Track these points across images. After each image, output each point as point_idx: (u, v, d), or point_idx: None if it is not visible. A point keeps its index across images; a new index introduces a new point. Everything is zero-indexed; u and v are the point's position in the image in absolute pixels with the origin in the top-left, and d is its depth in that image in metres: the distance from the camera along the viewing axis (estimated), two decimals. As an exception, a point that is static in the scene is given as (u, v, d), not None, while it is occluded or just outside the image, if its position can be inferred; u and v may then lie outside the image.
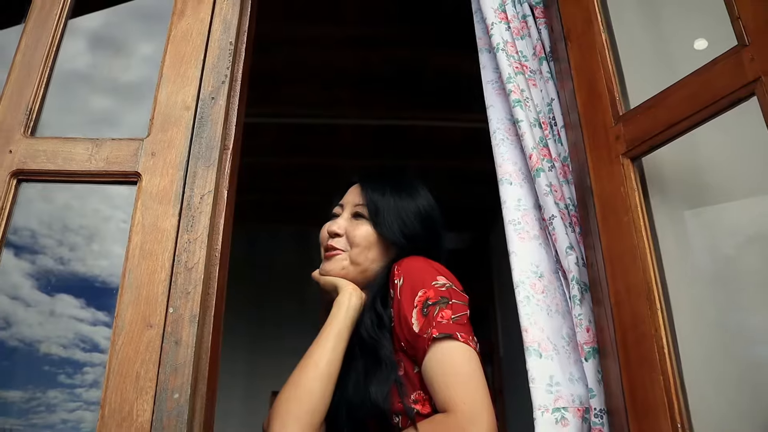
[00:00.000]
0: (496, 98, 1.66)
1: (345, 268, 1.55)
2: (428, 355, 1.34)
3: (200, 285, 1.17)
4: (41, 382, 1.24)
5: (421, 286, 1.40)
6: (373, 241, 1.56)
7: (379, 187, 1.60)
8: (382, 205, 1.57)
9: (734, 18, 1.09)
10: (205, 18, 1.45)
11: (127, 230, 1.25)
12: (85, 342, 1.28)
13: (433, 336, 1.32)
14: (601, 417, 1.24)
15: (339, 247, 1.57)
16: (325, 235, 1.61)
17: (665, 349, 1.09)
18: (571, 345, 1.36)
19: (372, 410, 1.39)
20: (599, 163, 1.28)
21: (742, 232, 1.18)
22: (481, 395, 1.30)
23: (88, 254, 1.40)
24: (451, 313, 1.35)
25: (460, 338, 1.32)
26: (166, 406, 1.09)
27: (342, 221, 1.59)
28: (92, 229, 1.43)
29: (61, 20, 1.49)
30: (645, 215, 1.18)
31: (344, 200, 1.65)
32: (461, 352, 1.32)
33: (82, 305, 1.32)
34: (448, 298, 1.38)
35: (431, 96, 3.71)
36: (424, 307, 1.37)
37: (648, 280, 1.13)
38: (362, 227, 1.57)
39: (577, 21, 1.43)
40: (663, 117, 1.17)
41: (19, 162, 1.30)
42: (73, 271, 1.36)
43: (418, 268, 1.45)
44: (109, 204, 1.42)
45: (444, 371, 1.32)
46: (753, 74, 1.04)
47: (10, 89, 1.39)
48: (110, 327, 1.17)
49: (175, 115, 1.33)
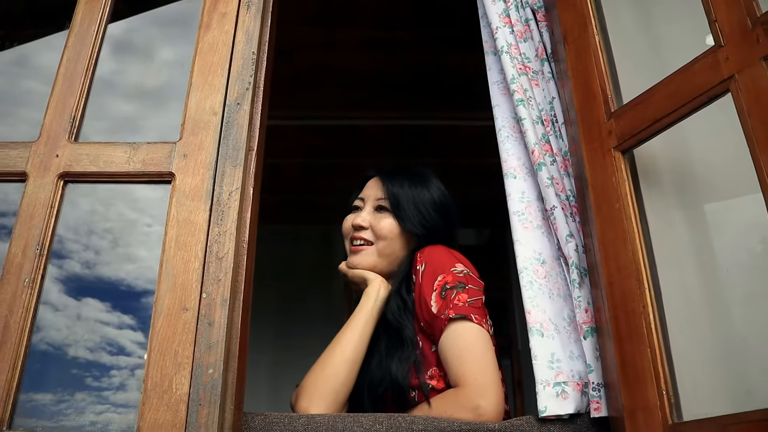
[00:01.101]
0: (502, 98, 1.76)
1: (374, 261, 1.69)
2: (444, 334, 1.47)
3: (230, 272, 1.30)
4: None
5: (441, 271, 1.54)
6: (397, 232, 1.69)
7: (397, 181, 1.73)
8: (402, 198, 1.69)
9: (711, 21, 1.19)
10: (230, 30, 1.58)
11: (150, 233, 1.38)
12: (111, 345, 1.41)
13: (449, 316, 1.46)
14: (599, 390, 1.35)
15: (366, 238, 1.69)
16: (348, 227, 1.74)
17: (652, 324, 1.19)
18: (572, 325, 1.46)
19: (392, 385, 1.53)
20: (593, 156, 1.39)
21: (725, 216, 1.28)
22: (490, 372, 1.43)
23: (113, 257, 1.52)
24: (467, 297, 1.48)
25: (474, 320, 1.45)
26: (202, 380, 1.21)
27: (366, 214, 1.72)
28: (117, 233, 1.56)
29: (98, 37, 1.62)
30: (635, 203, 1.29)
31: (365, 194, 1.77)
32: (474, 332, 1.46)
33: (108, 308, 1.44)
34: (465, 283, 1.51)
35: (447, 96, 3.80)
36: (443, 290, 1.50)
37: (637, 262, 1.24)
38: (386, 220, 1.70)
39: (573, 25, 1.54)
40: (649, 112, 1.27)
41: (65, 165, 1.44)
42: (98, 274, 1.49)
43: (439, 255, 1.58)
44: (134, 207, 1.54)
45: (458, 349, 1.45)
46: (728, 72, 1.14)
47: (55, 100, 1.53)
48: (135, 330, 1.32)
49: (204, 120, 1.46)
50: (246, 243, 1.36)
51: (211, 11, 1.60)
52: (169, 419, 1.19)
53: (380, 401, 1.56)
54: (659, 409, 1.13)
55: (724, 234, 1.27)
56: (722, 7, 1.17)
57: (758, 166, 1.04)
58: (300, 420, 1.35)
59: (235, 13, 1.60)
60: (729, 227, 1.26)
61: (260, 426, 1.34)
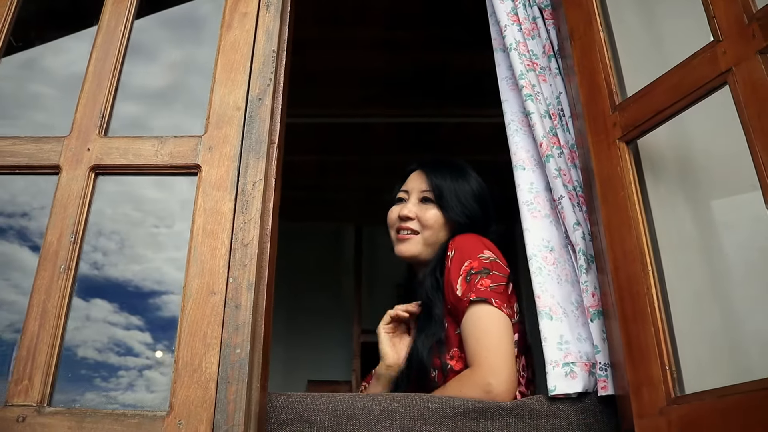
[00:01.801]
0: (510, 93, 1.83)
1: (420, 249, 1.80)
2: (465, 316, 1.57)
3: (255, 258, 1.37)
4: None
5: (468, 257, 1.63)
6: (442, 222, 1.80)
7: (440, 173, 1.83)
8: (445, 190, 1.80)
9: (710, 17, 1.26)
10: (251, 29, 1.65)
11: (157, 234, 1.46)
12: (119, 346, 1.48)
13: (470, 299, 1.55)
14: (605, 370, 1.42)
15: (412, 228, 1.80)
16: (394, 218, 1.85)
17: (656, 304, 1.26)
18: (579, 309, 1.53)
19: (417, 362, 1.62)
20: (599, 148, 1.45)
21: (726, 202, 1.35)
22: (504, 354, 1.51)
23: (120, 259, 1.60)
24: (490, 282, 1.57)
25: (494, 303, 1.54)
26: (230, 360, 1.29)
27: (411, 206, 1.83)
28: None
29: (124, 37, 1.69)
30: (638, 191, 1.35)
31: (409, 186, 1.87)
32: (493, 315, 1.55)
33: (116, 309, 1.52)
34: (490, 269, 1.60)
35: (456, 93, 3.86)
36: (468, 275, 1.60)
37: (641, 247, 1.31)
38: (431, 211, 1.81)
39: (579, 22, 1.60)
40: (652, 105, 1.34)
41: (96, 158, 1.51)
42: (107, 276, 1.56)
43: (469, 242, 1.68)
44: (140, 209, 1.62)
45: (476, 329, 1.54)
46: (725, 65, 1.20)
47: (85, 97, 1.61)
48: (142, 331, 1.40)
49: (228, 114, 1.53)
50: (269, 231, 1.44)
51: (233, 11, 1.68)
52: (200, 396, 1.26)
53: (415, 381, 1.66)
54: (662, 384, 1.19)
55: (725, 219, 1.33)
56: (720, 4, 1.24)
57: (754, 154, 1.11)
58: (322, 399, 1.42)
59: (255, 12, 1.67)
60: (729, 213, 1.33)
61: (284, 404, 1.41)
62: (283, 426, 1.38)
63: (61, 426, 1.25)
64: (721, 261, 1.33)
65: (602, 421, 1.40)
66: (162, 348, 1.49)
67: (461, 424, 1.39)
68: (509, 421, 1.40)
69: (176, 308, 1.37)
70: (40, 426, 1.25)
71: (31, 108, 1.91)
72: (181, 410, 1.25)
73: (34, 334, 1.34)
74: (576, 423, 1.40)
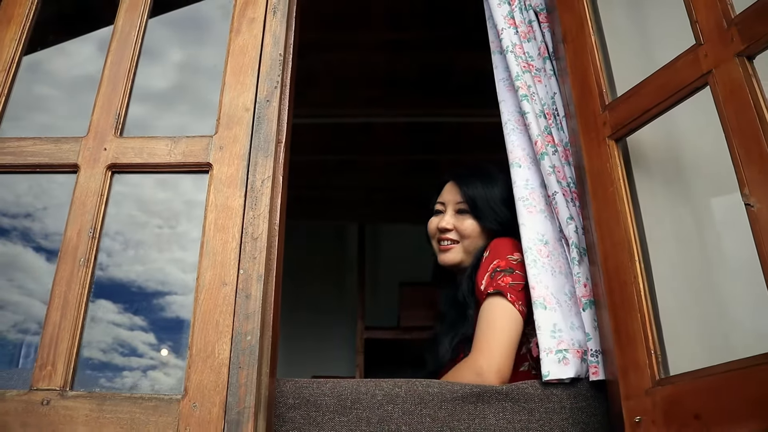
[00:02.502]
0: (507, 94, 1.91)
1: (461, 257, 1.93)
2: (482, 306, 1.69)
3: (264, 251, 1.45)
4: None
5: (498, 257, 1.75)
6: (479, 231, 1.92)
7: (471, 184, 1.96)
8: (478, 200, 1.93)
9: (693, 21, 1.33)
10: (258, 34, 1.73)
11: (162, 235, 1.54)
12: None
13: (488, 291, 1.66)
14: (597, 356, 1.49)
15: (452, 238, 1.94)
16: (434, 229, 1.99)
17: (642, 293, 1.33)
18: (572, 299, 1.61)
19: (442, 355, 1.83)
20: (590, 145, 1.53)
21: (710, 196, 1.42)
22: (502, 343, 1.61)
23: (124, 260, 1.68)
24: (510, 280, 1.68)
25: (508, 297, 1.64)
26: (241, 346, 1.37)
27: (449, 218, 1.96)
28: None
29: (137, 42, 1.77)
30: (626, 186, 1.43)
31: (444, 199, 2.00)
32: (504, 308, 1.65)
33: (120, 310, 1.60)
34: (514, 269, 1.71)
35: (458, 94, 3.92)
36: (494, 272, 1.71)
37: (629, 238, 1.38)
38: (467, 221, 1.93)
39: (572, 26, 1.68)
40: (639, 104, 1.41)
41: (113, 157, 1.59)
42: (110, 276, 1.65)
43: (502, 244, 1.80)
44: (145, 210, 1.70)
45: (486, 318, 1.66)
46: (707, 67, 1.28)
47: (101, 99, 1.69)
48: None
49: (238, 115, 1.61)
50: (277, 225, 1.52)
51: (241, 17, 1.76)
52: (213, 380, 1.34)
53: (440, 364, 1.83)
54: (648, 367, 1.27)
55: (708, 211, 1.41)
56: (702, 9, 1.31)
57: (732, 150, 1.18)
58: (327, 385, 1.50)
59: (262, 18, 1.75)
60: (713, 206, 1.40)
61: (291, 389, 1.49)
62: (291, 409, 1.46)
63: (83, 408, 1.34)
64: (705, 252, 1.41)
65: (593, 404, 1.48)
66: (176, 338, 1.57)
67: (459, 408, 1.46)
68: (505, 405, 1.47)
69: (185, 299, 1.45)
70: (63, 408, 1.34)
71: (35, 109, 1.98)
72: (196, 394, 1.33)
73: (56, 324, 1.42)
74: (569, 406, 1.48)
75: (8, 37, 1.78)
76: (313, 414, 1.46)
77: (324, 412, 1.46)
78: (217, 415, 1.31)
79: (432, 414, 1.46)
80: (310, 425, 1.45)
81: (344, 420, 1.46)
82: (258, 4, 1.77)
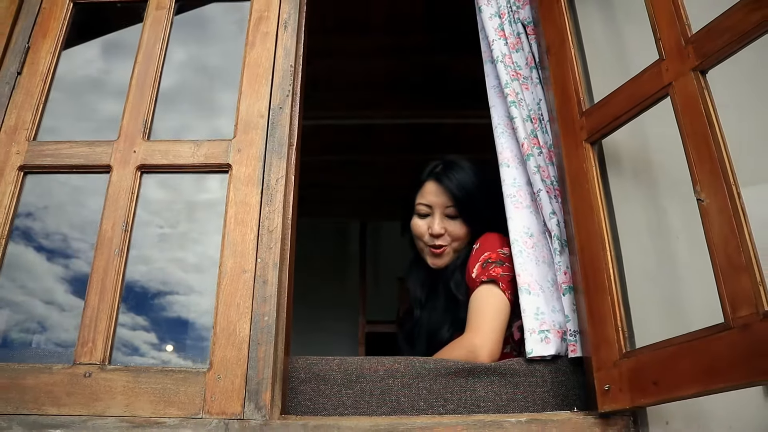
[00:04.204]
0: (497, 100, 2.09)
1: (452, 258, 2.12)
2: (474, 292, 1.90)
3: (279, 242, 1.64)
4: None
5: (489, 250, 1.97)
6: (467, 232, 2.11)
7: (456, 187, 2.11)
8: (466, 204, 2.10)
9: (657, 39, 1.51)
10: (271, 48, 1.91)
11: (163, 234, 1.73)
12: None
13: (481, 280, 1.87)
14: (575, 336, 1.67)
15: (444, 243, 2.10)
16: (423, 232, 2.14)
17: (612, 278, 1.51)
18: (554, 286, 1.79)
19: (440, 334, 2.00)
20: (569, 148, 1.71)
21: (672, 191, 1.60)
22: (494, 325, 1.80)
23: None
24: (501, 270, 1.89)
25: (500, 286, 1.84)
26: (260, 325, 1.55)
27: (439, 221, 2.11)
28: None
29: (161, 54, 1.96)
30: (600, 184, 1.61)
31: (429, 201, 2.14)
32: (496, 294, 1.87)
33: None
34: (504, 262, 1.92)
35: (455, 97, 4.09)
36: (485, 263, 1.92)
37: (601, 231, 1.56)
38: (457, 224, 2.11)
39: (554, 39, 1.86)
40: (611, 112, 1.59)
41: (142, 159, 1.78)
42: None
43: (492, 239, 2.01)
44: (146, 210, 1.87)
45: (478, 302, 1.86)
46: (667, 80, 1.45)
47: (129, 106, 1.87)
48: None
49: (254, 121, 1.79)
50: (290, 219, 1.70)
51: (255, 31, 1.94)
52: (235, 355, 1.53)
53: (430, 347, 1.99)
54: (616, 342, 1.45)
55: (672, 205, 1.59)
56: (664, 28, 1.49)
57: (687, 153, 1.36)
58: (335, 361, 1.68)
59: (275, 32, 1.94)
60: (677, 201, 1.58)
61: (303, 365, 1.67)
62: (302, 383, 1.65)
63: (120, 380, 1.52)
64: (668, 241, 1.59)
65: (572, 378, 1.66)
66: (198, 320, 1.75)
67: (452, 381, 1.65)
68: (493, 379, 1.66)
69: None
70: (103, 380, 1.52)
71: (66, 114, 2.15)
72: (219, 367, 1.52)
73: (95, 306, 1.61)
74: (550, 380, 1.66)
75: (44, 50, 1.97)
76: (322, 387, 1.65)
77: (332, 386, 1.65)
78: (239, 385, 1.50)
79: (428, 387, 1.64)
80: (319, 397, 1.63)
81: (350, 392, 1.64)
82: (270, 20, 1.96)
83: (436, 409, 1.61)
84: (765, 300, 1.16)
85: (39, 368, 1.54)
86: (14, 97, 1.89)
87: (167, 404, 1.49)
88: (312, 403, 1.62)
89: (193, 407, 1.48)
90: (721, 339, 1.21)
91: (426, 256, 2.15)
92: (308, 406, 1.62)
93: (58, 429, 1.46)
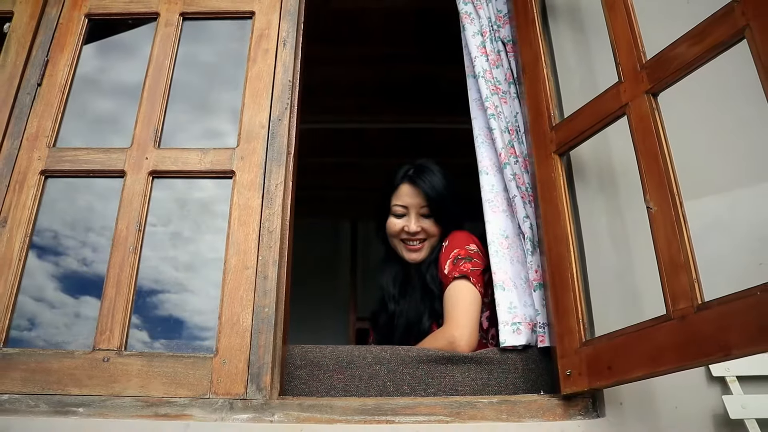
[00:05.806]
0: (478, 112, 2.27)
1: (427, 253, 2.33)
2: (448, 288, 2.09)
3: (278, 241, 1.82)
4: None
5: (458, 247, 2.18)
6: (439, 230, 2.34)
7: (429, 189, 2.33)
8: (438, 203, 2.33)
9: (617, 63, 1.70)
10: (271, 63, 2.09)
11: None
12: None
13: (454, 275, 2.06)
14: (544, 328, 1.86)
15: (421, 238, 2.34)
16: (398, 230, 2.37)
17: (575, 275, 1.70)
18: (526, 283, 1.97)
19: (421, 324, 2.20)
20: (540, 158, 1.90)
21: (631, 199, 1.79)
22: (469, 316, 1.98)
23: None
24: (470, 266, 2.09)
25: (471, 280, 2.03)
26: (261, 316, 1.73)
27: (415, 220, 2.34)
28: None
29: (170, 68, 2.13)
30: (566, 191, 1.79)
31: (405, 202, 2.37)
32: (468, 288, 2.06)
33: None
34: (472, 258, 2.12)
35: (445, 103, 4.26)
36: (455, 259, 2.13)
37: (566, 233, 1.75)
38: (430, 223, 2.34)
39: (529, 60, 2.05)
40: (576, 127, 1.78)
41: (153, 165, 1.96)
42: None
43: (460, 236, 2.24)
44: (157, 211, 2.01)
45: (454, 297, 2.05)
46: (625, 100, 1.64)
47: (141, 116, 2.04)
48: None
49: (255, 131, 1.98)
50: (288, 221, 1.88)
51: (256, 48, 2.12)
52: (238, 343, 1.71)
53: (410, 336, 2.20)
54: (577, 332, 1.64)
55: (630, 211, 1.77)
56: (623, 54, 1.68)
57: (639, 165, 1.55)
58: (327, 349, 1.86)
59: (275, 49, 2.12)
60: (633, 208, 1.76)
61: (299, 353, 1.85)
62: (298, 369, 1.83)
63: (136, 364, 1.70)
64: (627, 242, 1.78)
65: (541, 366, 1.84)
66: (201, 311, 1.93)
67: (433, 368, 1.83)
68: (470, 366, 1.84)
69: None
70: (121, 364, 1.70)
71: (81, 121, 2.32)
72: (225, 353, 1.70)
73: (112, 298, 1.78)
74: (521, 368, 1.85)
75: (62, 62, 2.14)
76: (316, 372, 1.83)
77: (325, 371, 1.83)
78: (242, 369, 1.68)
79: (411, 372, 1.82)
80: (313, 381, 1.82)
81: (341, 377, 1.82)
82: (271, 38, 2.14)
83: (418, 392, 1.79)
84: (699, 295, 1.35)
85: (62, 353, 1.72)
86: (35, 107, 2.06)
87: (178, 386, 1.67)
88: (307, 386, 1.80)
89: (201, 388, 1.66)
90: (663, 328, 1.40)
91: (403, 252, 2.37)
92: (303, 389, 1.80)
93: (81, 407, 1.64)
